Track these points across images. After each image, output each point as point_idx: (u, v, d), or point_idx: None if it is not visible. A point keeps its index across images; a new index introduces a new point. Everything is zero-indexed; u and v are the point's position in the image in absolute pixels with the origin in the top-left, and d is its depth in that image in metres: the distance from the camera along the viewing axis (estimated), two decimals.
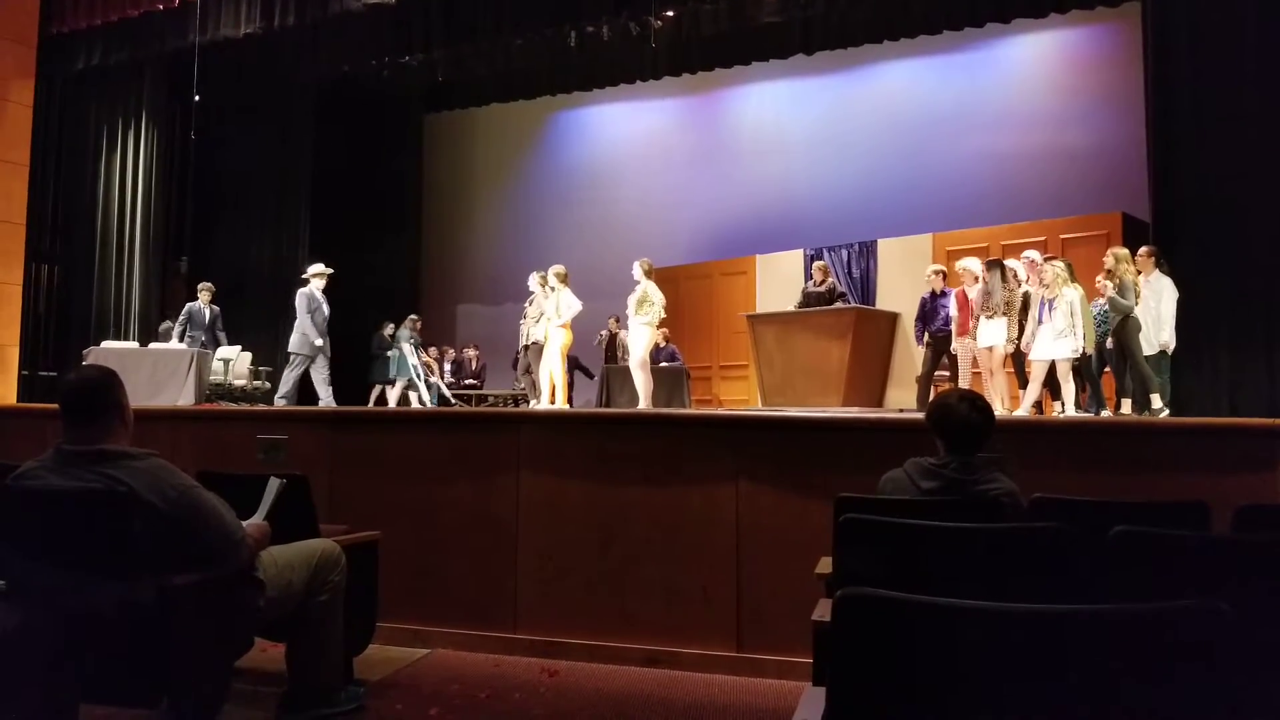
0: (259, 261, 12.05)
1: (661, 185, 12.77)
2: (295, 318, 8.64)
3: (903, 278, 10.00)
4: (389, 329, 11.85)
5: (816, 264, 9.70)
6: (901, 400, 8.67)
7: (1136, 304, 6.68)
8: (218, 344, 9.39)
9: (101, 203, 10.74)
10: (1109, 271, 6.83)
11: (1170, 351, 6.82)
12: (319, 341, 8.41)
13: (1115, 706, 1.28)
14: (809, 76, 11.87)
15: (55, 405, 2.66)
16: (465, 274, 14.11)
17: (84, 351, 9.17)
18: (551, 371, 8.49)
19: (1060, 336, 6.62)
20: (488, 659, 4.25)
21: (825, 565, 2.80)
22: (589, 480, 4.43)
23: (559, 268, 8.66)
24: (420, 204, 14.42)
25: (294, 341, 8.50)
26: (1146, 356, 6.63)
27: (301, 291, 8.62)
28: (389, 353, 11.52)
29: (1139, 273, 6.85)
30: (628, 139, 13.30)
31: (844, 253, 11.04)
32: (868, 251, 10.85)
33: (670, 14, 10.11)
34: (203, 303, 9.62)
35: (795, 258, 11.14)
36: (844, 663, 1.39)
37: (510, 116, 13.96)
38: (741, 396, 10.99)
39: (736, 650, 4.07)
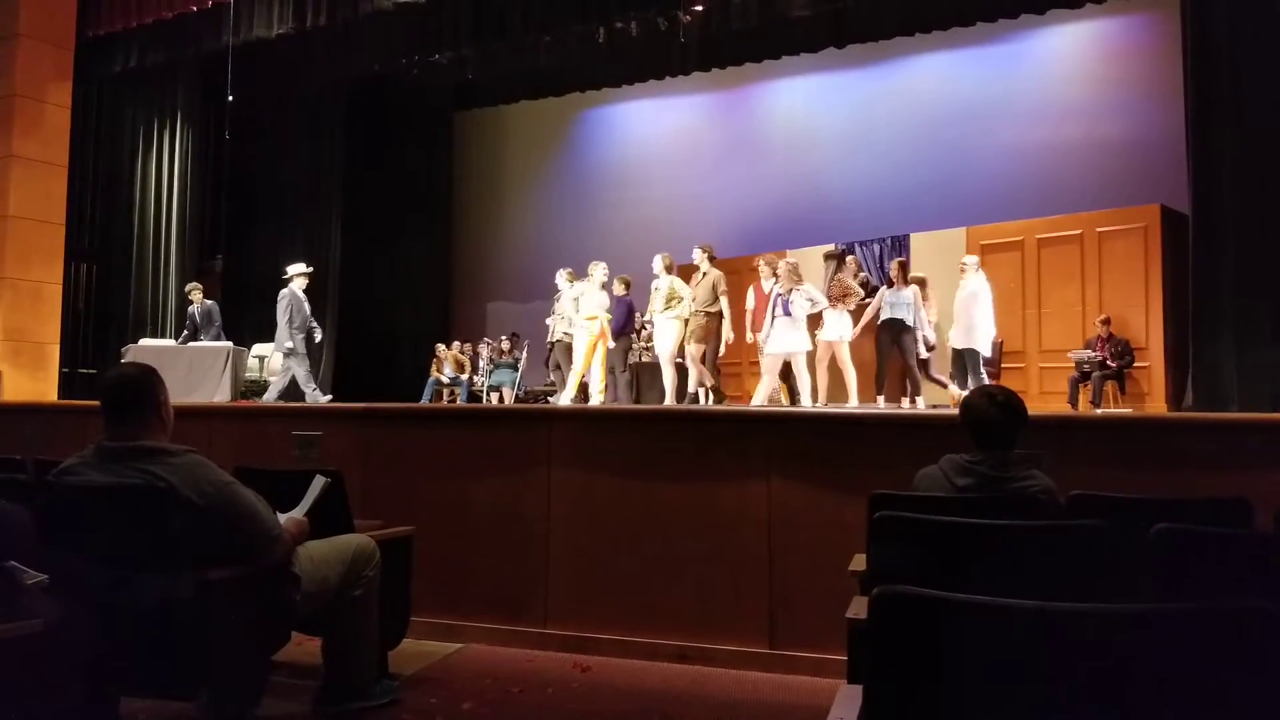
0: (292, 259, 12.14)
1: (691, 181, 12.72)
2: (296, 314, 8.49)
3: (936, 271, 9.88)
4: None
5: (850, 258, 9.64)
6: (936, 397, 8.58)
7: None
8: (219, 337, 9.38)
9: (138, 202, 10.93)
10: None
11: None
12: (289, 344, 8.33)
13: (1158, 707, 1.26)
14: (840, 70, 11.78)
15: (96, 402, 2.70)
16: (496, 271, 14.16)
17: (123, 349, 9.32)
18: (592, 369, 8.41)
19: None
20: (520, 654, 4.27)
21: (859, 562, 2.78)
22: (620, 476, 4.43)
23: (604, 266, 8.56)
24: (451, 202, 14.50)
25: (278, 344, 8.43)
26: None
27: (282, 292, 8.48)
28: None
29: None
30: (657, 135, 13.28)
31: (876, 247, 10.96)
32: (900, 245, 10.75)
33: (699, 9, 10.07)
34: (196, 302, 9.48)
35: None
36: (881, 661, 1.38)
37: (540, 114, 13.98)
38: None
39: (769, 647, 4.05)
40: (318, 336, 8.94)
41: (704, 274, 8.14)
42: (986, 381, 7.63)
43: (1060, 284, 9.49)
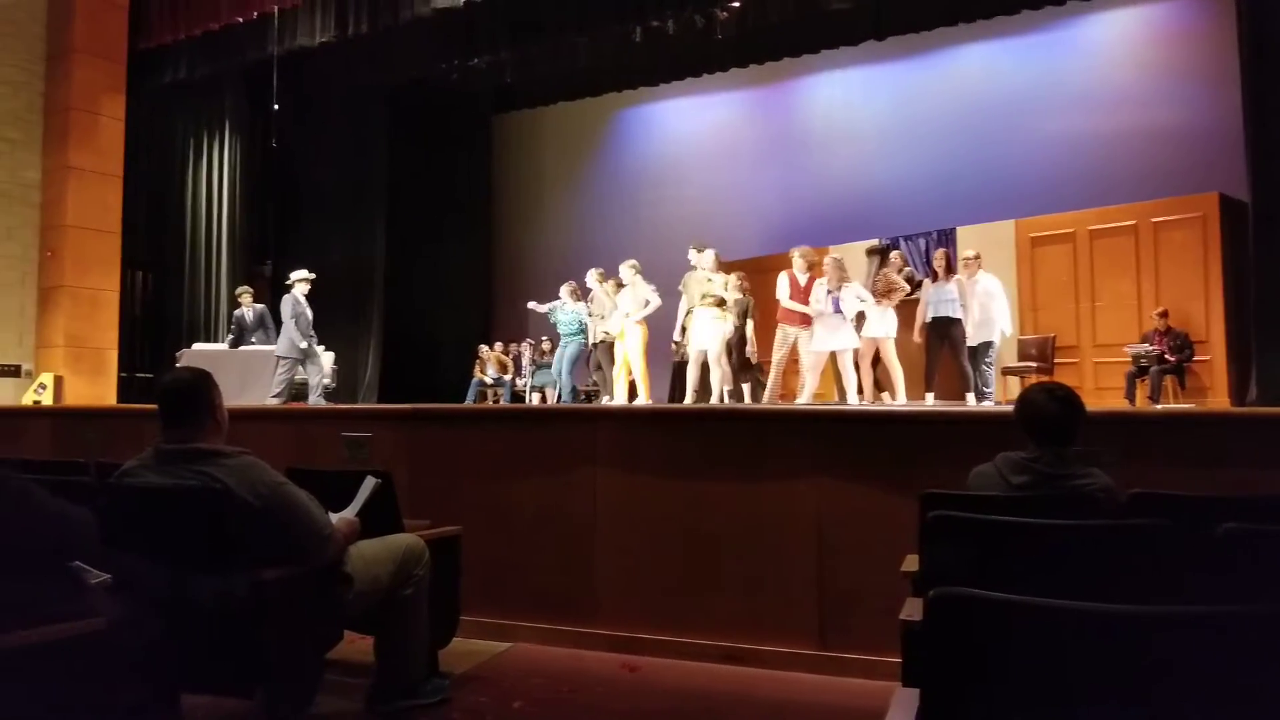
0: (338, 262, 12.39)
1: (731, 178, 12.66)
2: (297, 317, 8.52)
3: (985, 266, 9.73)
4: None
5: (895, 253, 9.52)
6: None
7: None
8: (269, 340, 9.48)
9: (190, 210, 11.21)
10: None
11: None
12: (304, 345, 8.40)
13: (1225, 712, 1.22)
14: (880, 63, 11.63)
15: (153, 406, 2.76)
16: (536, 272, 14.20)
17: (177, 354, 9.53)
18: (632, 367, 8.43)
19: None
20: (569, 653, 4.27)
21: (911, 563, 2.74)
22: (667, 476, 4.42)
23: (633, 262, 8.60)
24: (491, 204, 14.61)
25: (281, 346, 8.48)
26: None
27: (286, 297, 8.56)
28: None
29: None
30: (695, 133, 13.23)
31: (921, 241, 10.80)
32: (946, 239, 10.59)
33: (736, 4, 10.02)
34: (246, 306, 9.56)
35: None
36: (939, 664, 1.35)
37: (577, 115, 14.02)
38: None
39: (819, 648, 4.01)
40: (314, 345, 9.00)
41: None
42: (991, 370, 7.61)
43: (1115, 276, 9.26)
